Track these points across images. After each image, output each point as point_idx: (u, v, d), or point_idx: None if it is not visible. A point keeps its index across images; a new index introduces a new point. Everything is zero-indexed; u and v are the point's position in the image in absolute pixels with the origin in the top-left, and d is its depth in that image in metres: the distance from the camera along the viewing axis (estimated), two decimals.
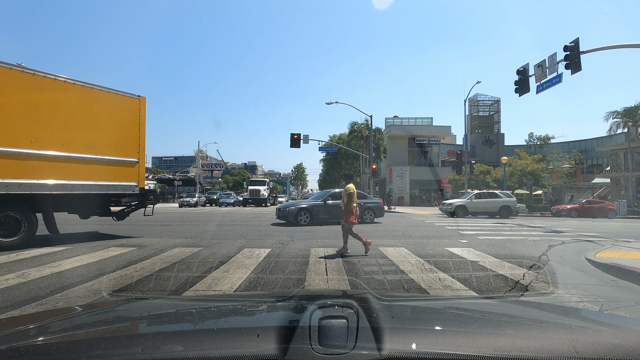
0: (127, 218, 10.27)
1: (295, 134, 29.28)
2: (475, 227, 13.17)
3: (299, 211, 12.72)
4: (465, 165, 28.67)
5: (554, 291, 4.26)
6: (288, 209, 12.76)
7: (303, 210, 12.76)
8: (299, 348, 0.82)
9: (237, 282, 4.56)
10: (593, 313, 2.63)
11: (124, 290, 4.25)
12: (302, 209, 12.78)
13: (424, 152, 46.39)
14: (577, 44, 12.28)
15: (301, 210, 12.75)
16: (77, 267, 5.42)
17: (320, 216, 12.95)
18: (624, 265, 5.47)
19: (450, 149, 50.15)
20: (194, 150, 69.29)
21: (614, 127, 32.60)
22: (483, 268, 5.60)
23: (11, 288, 4.19)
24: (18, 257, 6.17)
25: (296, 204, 13.53)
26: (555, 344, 0.88)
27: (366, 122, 38.83)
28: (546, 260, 6.40)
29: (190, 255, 6.55)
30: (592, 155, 48.68)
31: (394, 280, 4.71)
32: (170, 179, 55.04)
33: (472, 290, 4.34)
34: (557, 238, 10.12)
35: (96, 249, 7.17)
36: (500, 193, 21.66)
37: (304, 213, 12.72)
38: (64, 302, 3.70)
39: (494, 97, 52.92)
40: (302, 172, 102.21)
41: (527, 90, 14.61)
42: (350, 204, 6.80)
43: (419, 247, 7.69)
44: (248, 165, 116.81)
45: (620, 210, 26.00)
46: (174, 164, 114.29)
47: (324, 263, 5.81)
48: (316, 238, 9.12)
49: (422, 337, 0.94)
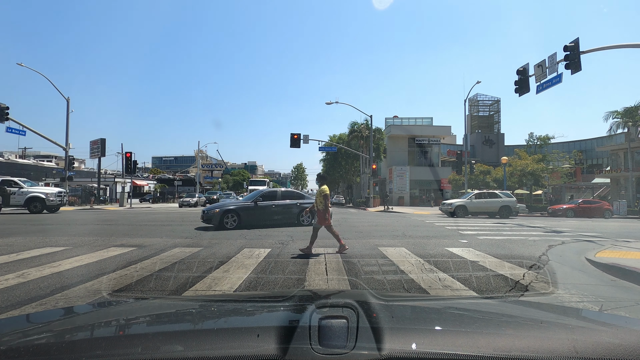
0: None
1: (295, 134, 29.31)
2: (475, 227, 13.17)
3: (225, 213, 11.40)
4: (465, 165, 28.67)
5: (554, 291, 4.26)
6: (212, 211, 11.54)
7: (229, 213, 11.46)
8: (299, 348, 0.82)
9: (237, 282, 4.56)
10: (593, 313, 2.63)
11: (124, 290, 4.25)
12: (229, 210, 11.50)
13: (424, 152, 46.38)
14: (577, 44, 12.29)
15: (227, 213, 11.43)
16: (77, 267, 5.42)
17: (251, 218, 11.75)
18: (624, 265, 5.47)
19: (450, 149, 50.12)
20: (194, 150, 69.34)
21: (614, 127, 32.58)
22: (483, 268, 5.60)
23: (11, 288, 4.19)
24: (18, 257, 6.17)
25: (222, 205, 12.32)
26: (555, 344, 0.88)
27: (366, 122, 38.82)
28: (546, 260, 6.40)
29: (190, 255, 6.54)
30: (592, 155, 48.67)
31: (394, 280, 4.71)
32: (170, 179, 55.04)
33: (472, 290, 4.34)
34: (557, 238, 10.12)
35: (96, 249, 7.17)
36: (500, 193, 21.66)
37: (230, 215, 11.42)
38: (64, 302, 3.70)
39: (494, 97, 52.97)
40: (302, 172, 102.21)
41: (527, 90, 14.61)
42: (325, 204, 6.95)
43: (419, 247, 7.69)
44: (248, 165, 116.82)
45: (620, 210, 26.00)
46: (174, 164, 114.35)
47: (324, 263, 5.81)
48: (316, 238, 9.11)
49: (422, 337, 0.94)
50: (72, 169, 31.46)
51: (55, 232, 10.01)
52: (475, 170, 32.53)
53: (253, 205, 11.90)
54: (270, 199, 12.25)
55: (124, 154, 32.13)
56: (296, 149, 39.53)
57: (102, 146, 30.28)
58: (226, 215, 11.34)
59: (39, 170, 53.52)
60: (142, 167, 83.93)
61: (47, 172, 53.24)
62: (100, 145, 30.28)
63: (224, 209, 11.54)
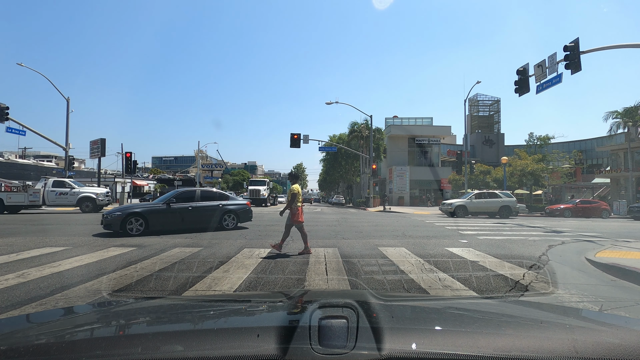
0: None
1: (295, 134, 29.31)
2: (475, 227, 13.17)
3: (127, 217, 9.72)
4: (465, 165, 28.67)
5: (554, 291, 4.26)
6: (113, 215, 9.78)
7: (134, 216, 9.81)
8: (299, 348, 0.82)
9: (237, 282, 4.56)
10: (593, 313, 2.63)
11: (124, 290, 4.25)
12: (132, 214, 9.83)
13: (424, 152, 46.39)
14: (577, 44, 12.29)
15: (130, 216, 9.77)
16: (77, 267, 5.42)
17: (162, 223, 10.23)
18: (624, 265, 5.47)
19: (450, 149, 50.11)
20: (194, 150, 69.30)
21: (614, 127, 32.58)
22: (483, 268, 5.60)
23: (11, 288, 4.19)
24: (18, 257, 6.17)
25: (126, 207, 10.54)
26: (555, 344, 0.88)
27: (366, 122, 38.83)
28: (546, 260, 6.40)
29: (190, 255, 6.55)
30: (592, 155, 48.64)
31: (394, 280, 4.71)
32: (170, 179, 54.95)
33: (472, 290, 4.34)
34: (557, 238, 10.12)
35: (96, 249, 7.17)
36: (500, 193, 21.66)
37: (135, 219, 9.78)
38: (64, 302, 3.70)
39: (494, 97, 52.94)
40: (302, 172, 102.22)
41: (527, 90, 14.61)
42: (294, 203, 7.08)
43: (419, 247, 7.69)
44: (248, 165, 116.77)
45: (620, 210, 26.00)
46: (174, 164, 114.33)
47: (324, 263, 5.81)
48: (316, 238, 9.12)
49: (422, 337, 0.94)
50: (72, 169, 31.42)
51: (55, 232, 10.01)
52: (475, 170, 32.52)
53: (165, 207, 10.37)
54: (187, 201, 10.80)
55: (124, 154, 32.11)
56: (296, 149, 39.63)
57: (102, 146, 30.25)
58: (129, 219, 9.74)
59: (39, 170, 53.46)
60: (142, 167, 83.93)
61: (47, 172, 53.10)
62: (100, 145, 30.25)
63: (128, 211, 9.94)
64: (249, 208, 12.20)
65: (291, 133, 29.08)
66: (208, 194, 11.52)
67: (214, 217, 11.00)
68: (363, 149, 39.65)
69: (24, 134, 24.47)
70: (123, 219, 9.69)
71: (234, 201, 11.85)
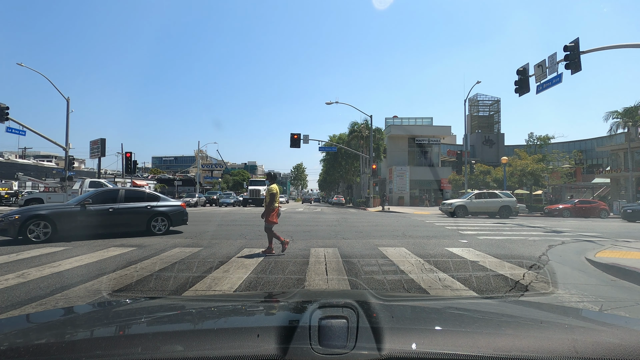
0: None
1: (295, 134, 29.32)
2: (475, 227, 13.17)
3: (28, 220, 8.15)
4: (465, 165, 28.66)
5: (554, 291, 4.26)
6: (9, 218, 8.18)
7: (37, 219, 8.25)
8: (299, 348, 0.82)
9: (237, 282, 4.56)
10: (593, 313, 2.63)
11: (124, 290, 4.25)
12: (35, 217, 8.25)
13: (424, 152, 46.39)
14: (577, 44, 12.29)
15: (32, 219, 8.19)
16: (77, 267, 5.42)
17: (74, 226, 8.74)
18: (624, 265, 5.47)
19: (450, 149, 50.13)
20: (194, 150, 69.26)
21: (614, 127, 32.62)
22: (483, 268, 5.60)
23: (11, 288, 4.19)
24: (18, 257, 6.17)
25: (27, 209, 8.85)
26: (555, 344, 0.88)
27: (366, 122, 38.84)
28: (546, 260, 6.40)
29: (190, 255, 6.55)
30: (592, 155, 48.64)
31: (394, 280, 4.71)
32: (170, 179, 55.04)
33: (472, 290, 4.34)
34: (557, 238, 10.12)
35: (96, 249, 7.17)
36: (500, 193, 21.66)
37: (38, 223, 8.23)
38: (64, 302, 3.70)
39: (494, 97, 52.93)
40: (302, 172, 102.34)
41: (527, 90, 14.61)
42: (273, 204, 6.82)
43: (419, 247, 7.69)
44: (248, 165, 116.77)
45: (620, 210, 25.99)
46: (174, 164, 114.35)
47: (324, 263, 5.81)
48: (316, 238, 9.12)
49: (422, 337, 0.94)
50: (72, 169, 31.42)
51: None
52: (475, 170, 32.52)
53: (78, 209, 8.90)
54: (107, 202, 9.45)
55: (124, 154, 32.16)
56: (296, 149, 39.64)
57: (102, 146, 30.27)
58: (30, 222, 8.15)
59: (39, 170, 53.55)
60: (142, 167, 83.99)
61: (47, 172, 53.28)
62: (100, 145, 30.27)
63: (29, 214, 8.32)
64: (183, 210, 10.74)
65: (291, 133, 29.11)
66: (134, 194, 10.26)
67: (139, 220, 9.74)
68: (363, 149, 39.65)
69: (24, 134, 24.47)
70: (22, 223, 8.09)
71: (166, 202, 10.57)
